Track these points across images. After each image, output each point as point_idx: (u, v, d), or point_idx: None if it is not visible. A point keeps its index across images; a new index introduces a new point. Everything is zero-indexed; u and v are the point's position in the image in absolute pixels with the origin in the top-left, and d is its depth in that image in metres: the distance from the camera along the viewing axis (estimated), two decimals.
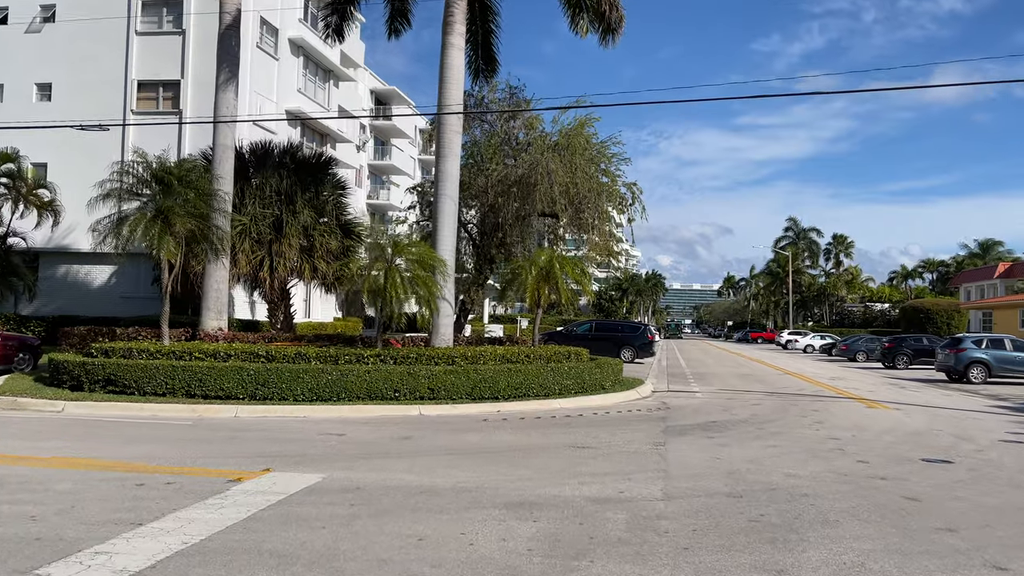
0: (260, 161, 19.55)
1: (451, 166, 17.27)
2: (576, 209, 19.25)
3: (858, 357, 42.38)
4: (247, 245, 18.32)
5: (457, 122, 17.40)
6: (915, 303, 53.51)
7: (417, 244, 15.60)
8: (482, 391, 14.80)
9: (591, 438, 10.94)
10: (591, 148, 19.38)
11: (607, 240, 20.62)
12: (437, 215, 17.34)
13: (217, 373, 13.56)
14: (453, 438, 10.61)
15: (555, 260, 17.54)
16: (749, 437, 11.61)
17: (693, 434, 11.81)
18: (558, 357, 17.31)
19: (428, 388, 14.35)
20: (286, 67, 31.89)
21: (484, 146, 20.23)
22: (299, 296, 28.26)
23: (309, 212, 18.85)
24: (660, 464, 8.95)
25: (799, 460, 9.55)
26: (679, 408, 15.68)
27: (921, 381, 26.91)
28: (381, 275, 14.67)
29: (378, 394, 14.00)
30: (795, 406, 16.64)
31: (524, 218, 19.69)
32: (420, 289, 14.99)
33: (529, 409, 14.59)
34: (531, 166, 18.30)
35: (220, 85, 17.31)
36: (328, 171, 20.31)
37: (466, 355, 15.53)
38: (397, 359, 14.94)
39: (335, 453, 9.09)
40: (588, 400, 16.03)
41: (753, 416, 14.41)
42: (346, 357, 14.67)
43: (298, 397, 13.64)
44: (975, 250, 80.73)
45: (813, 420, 14.01)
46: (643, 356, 32.05)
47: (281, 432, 10.84)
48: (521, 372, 15.39)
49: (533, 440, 10.63)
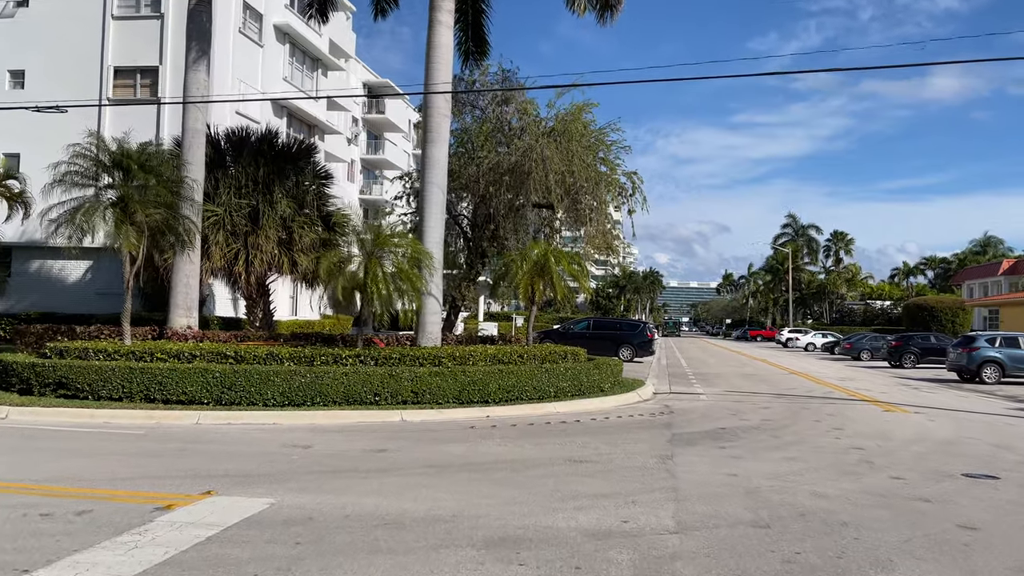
0: (236, 149, 18.35)
1: (438, 152, 16.09)
2: (573, 199, 18.04)
3: (862, 356, 41.28)
4: (221, 237, 17.12)
5: (445, 105, 16.21)
6: (919, 300, 52.45)
7: (400, 235, 14.43)
8: (471, 394, 13.63)
9: (589, 449, 9.77)
10: (588, 135, 18.17)
11: (606, 232, 19.43)
12: (423, 205, 16.16)
13: (179, 376, 12.37)
14: (434, 450, 9.44)
15: (550, 253, 16.37)
16: (764, 447, 10.45)
17: (702, 444, 10.65)
18: (553, 357, 16.15)
19: (411, 391, 13.17)
20: (271, 54, 30.64)
21: (475, 133, 19.02)
22: (284, 293, 27.08)
23: (288, 203, 17.65)
24: (668, 482, 7.78)
25: (825, 476, 8.39)
26: (684, 412, 14.53)
27: (932, 381, 25.80)
28: (360, 269, 13.48)
29: (356, 398, 12.83)
30: (807, 409, 15.50)
31: (518, 209, 18.49)
32: (403, 284, 13.81)
33: (521, 414, 13.42)
34: (525, 153, 17.07)
35: (190, 65, 16.09)
36: (309, 159, 19.10)
37: (454, 355, 14.36)
38: (379, 360, 13.77)
39: (295, 470, 7.91)
40: (585, 404, 14.87)
41: (765, 422, 13.26)
42: (322, 358, 13.49)
43: (268, 402, 12.46)
44: (974, 247, 79.85)
45: (830, 426, 12.87)
46: (642, 355, 30.90)
47: (241, 443, 9.65)
48: (513, 374, 14.23)
49: (524, 452, 9.45)
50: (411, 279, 13.79)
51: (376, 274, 13.43)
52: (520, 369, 14.44)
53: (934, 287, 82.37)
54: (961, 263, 74.68)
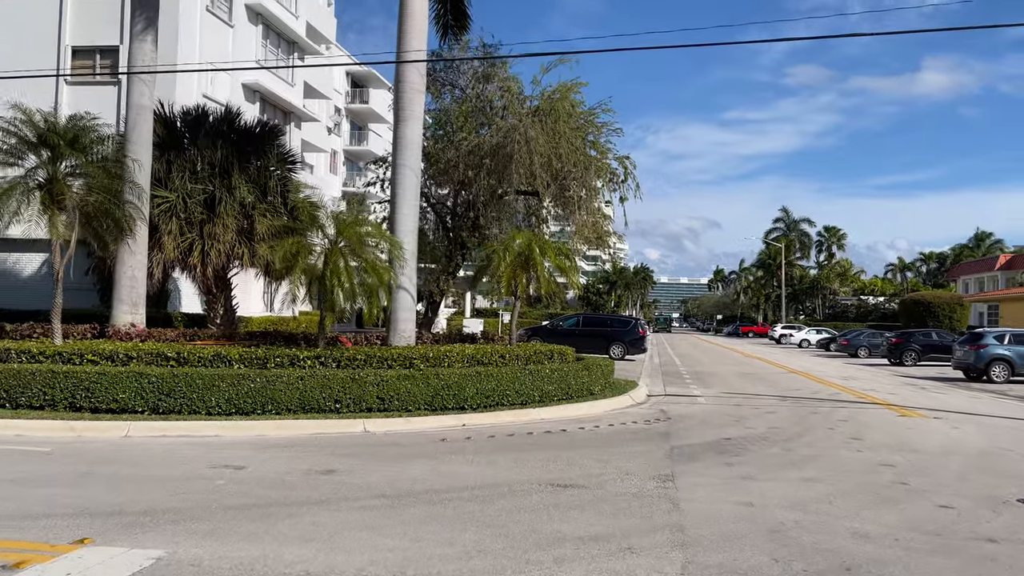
0: (193, 129, 16.77)
1: (411, 131, 14.58)
2: (560, 186, 16.55)
3: (860, 353, 40.12)
4: (174, 226, 15.55)
5: (419, 79, 14.69)
6: (915, 296, 51.32)
7: (366, 223, 12.93)
8: (445, 400, 12.17)
9: (576, 468, 8.32)
10: (577, 115, 16.66)
11: (596, 223, 17.97)
12: (395, 190, 14.65)
13: (109, 380, 10.82)
14: (392, 472, 7.95)
15: (534, 244, 14.90)
16: (778, 463, 9.04)
17: (706, 459, 9.23)
18: (539, 358, 14.70)
19: (377, 397, 11.69)
20: (243, 35, 28.95)
21: (455, 114, 17.50)
22: (257, 287, 25.49)
23: (249, 188, 16.09)
24: (672, 516, 6.34)
25: (859, 504, 6.97)
26: (682, 418, 13.12)
27: (938, 380, 24.55)
28: (320, 260, 11.97)
29: (314, 405, 11.33)
30: (816, 415, 14.13)
31: (500, 197, 16.98)
32: (369, 277, 12.32)
33: (501, 422, 11.98)
34: (507, 134, 15.56)
35: (136, 35, 14.52)
36: (275, 142, 17.53)
37: (428, 356, 12.88)
38: (341, 362, 12.27)
39: (212, 502, 6.41)
40: (573, 409, 13.44)
41: (772, 430, 11.85)
42: (277, 360, 11.97)
43: (212, 410, 10.94)
44: (968, 243, 78.95)
45: (847, 435, 11.48)
46: (634, 353, 29.53)
47: (163, 463, 8.14)
48: (493, 376, 12.76)
49: (499, 474, 7.99)
50: (378, 271, 12.28)
51: (337, 266, 11.92)
52: (501, 371, 12.98)
53: (926, 282, 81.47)
54: (957, 258, 73.74)
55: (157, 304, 24.96)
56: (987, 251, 74.53)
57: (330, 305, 12.47)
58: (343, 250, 12.24)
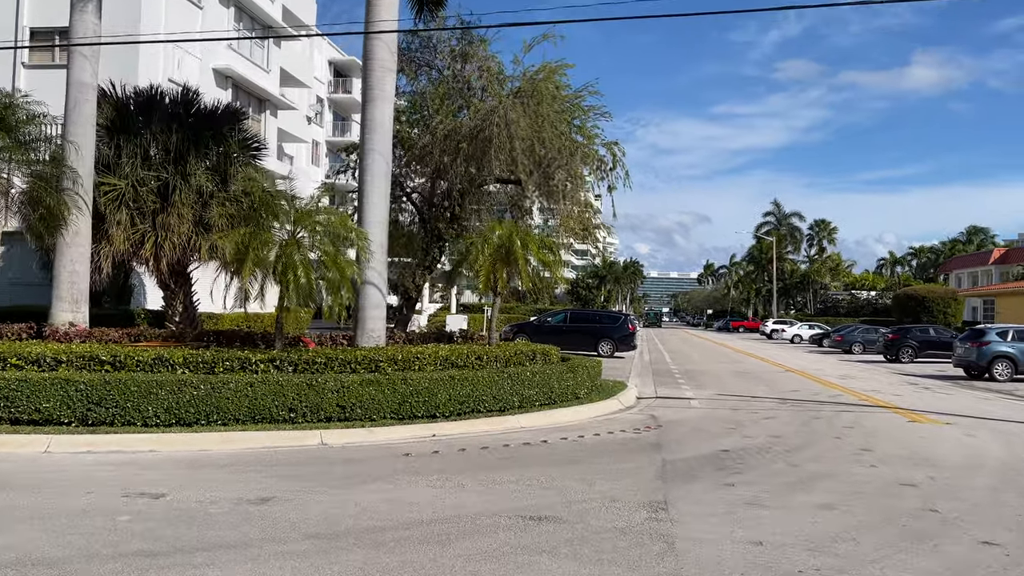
0: (146, 112, 15.47)
1: (381, 113, 13.39)
2: (544, 174, 15.35)
3: (854, 349, 39.27)
4: (124, 216, 14.28)
5: (389, 57, 13.49)
6: (909, 291, 50.52)
7: (328, 211, 11.74)
8: (414, 407, 11.01)
9: (554, 493, 7.19)
10: (562, 98, 15.44)
11: (582, 213, 16.79)
12: (363, 176, 13.47)
13: (31, 388, 9.58)
14: (338, 499, 6.79)
15: (515, 235, 13.73)
16: (785, 483, 7.95)
17: (703, 478, 8.12)
18: (520, 359, 13.58)
19: (337, 405, 10.52)
20: (212, 17, 27.53)
21: (431, 96, 16.27)
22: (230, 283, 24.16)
23: (207, 176, 14.82)
24: (666, 563, 5.22)
25: (888, 541, 5.87)
26: (674, 425, 12.02)
27: (939, 379, 23.61)
28: (272, 252, 10.77)
29: (266, 414, 10.16)
30: (818, 419, 13.08)
31: (480, 185, 15.79)
32: (328, 271, 11.13)
33: (476, 431, 10.85)
34: (485, 116, 14.33)
35: (76, 4, 13.22)
36: (236, 126, 16.24)
37: (396, 358, 11.72)
38: (299, 365, 11.09)
39: (96, 551, 5.22)
40: (557, 415, 12.33)
41: (774, 440, 10.77)
42: (227, 363, 10.77)
43: (149, 420, 9.74)
44: (960, 237, 78.38)
45: (856, 446, 10.41)
46: (624, 350, 28.48)
47: (67, 489, 6.94)
48: (469, 380, 11.62)
49: (463, 500, 6.85)
50: (338, 265, 11.08)
51: (292, 258, 10.71)
52: (477, 375, 11.84)
53: (918, 277, 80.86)
54: (951, 252, 73.09)
55: (119, 300, 23.69)
56: (980, 246, 74.00)
57: (286, 302, 11.28)
58: (301, 241, 11.03)
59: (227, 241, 10.84)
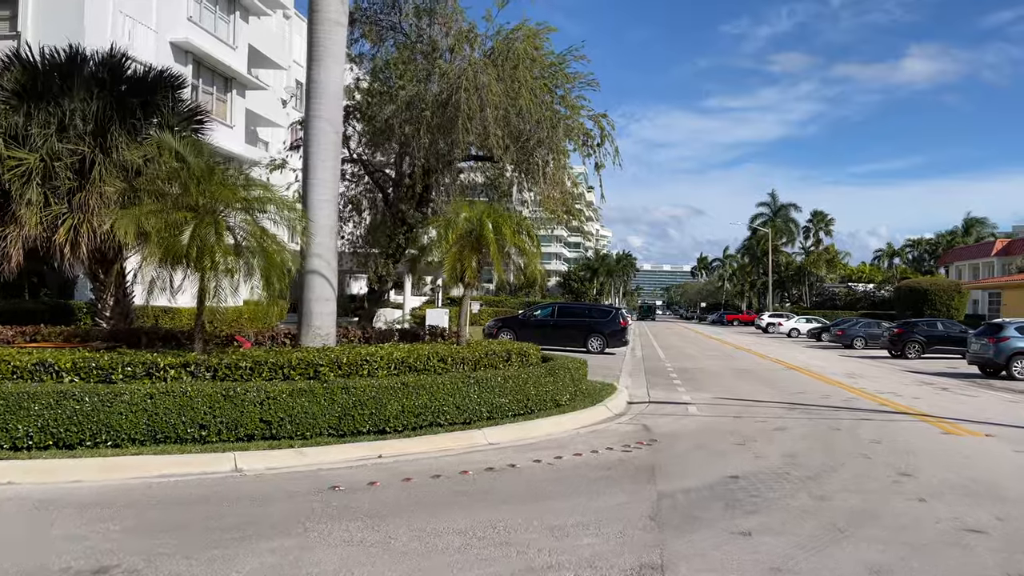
0: (66, 78, 13.52)
1: (328, 74, 11.45)
2: (522, 149, 13.43)
3: (856, 344, 37.58)
4: (35, 195, 12.34)
5: (337, 7, 11.52)
6: (912, 283, 48.83)
7: (257, 186, 9.81)
8: (358, 422, 9.14)
9: (513, 556, 5.32)
10: (542, 62, 13.45)
11: (565, 193, 14.83)
12: (308, 148, 11.56)
13: None
14: (207, 570, 4.90)
15: (486, 217, 11.81)
16: (816, 529, 6.11)
17: (711, 523, 6.26)
18: (492, 360, 11.70)
19: (261, 420, 8.62)
20: None
21: (394, 62, 14.30)
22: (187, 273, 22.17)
23: (135, 151, 12.86)
24: None
25: None
26: (670, 440, 10.17)
27: (952, 377, 21.90)
28: (186, 234, 8.82)
29: (170, 433, 8.25)
30: (838, 431, 11.26)
31: (449, 163, 13.83)
32: (254, 257, 9.21)
33: (432, 450, 9.01)
34: (453, 81, 12.36)
35: None
36: (171, 93, 14.26)
37: (341, 361, 9.82)
38: (219, 370, 9.18)
39: None
40: (532, 428, 10.47)
41: (790, 461, 8.93)
42: (127, 369, 8.84)
43: (19, 442, 7.81)
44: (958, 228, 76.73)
45: (892, 469, 8.59)
46: (615, 345, 26.64)
47: None
48: (426, 388, 9.74)
49: (379, 573, 4.97)
50: (266, 250, 9.15)
51: (207, 242, 8.77)
52: (437, 381, 9.95)
53: (915, 269, 79.26)
54: (949, 244, 71.48)
55: (61, 293, 21.70)
56: (979, 237, 72.40)
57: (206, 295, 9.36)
58: (219, 221, 9.09)
59: (123, 222, 8.90)
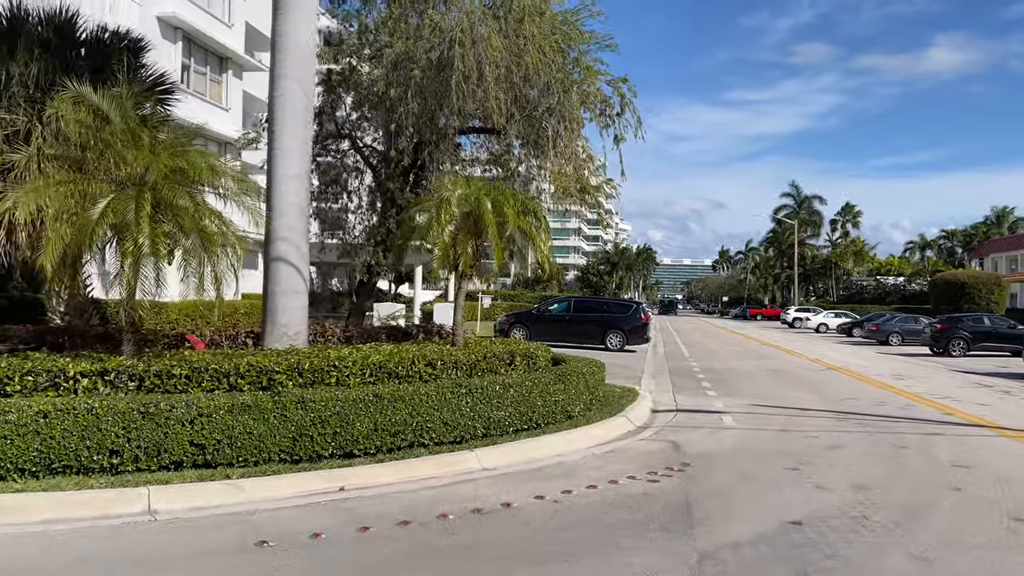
0: (6, 39, 11.87)
1: (294, 24, 9.67)
2: (528, 117, 11.55)
3: (892, 340, 35.20)
4: None
5: None
6: (948, 276, 46.35)
7: (199, 154, 8.05)
8: (317, 443, 7.35)
9: None
10: (552, 18, 11.55)
11: (578, 166, 12.91)
12: (274, 113, 9.79)
13: None
14: None
15: (483, 196, 9.94)
16: None
17: None
18: (492, 364, 9.86)
19: (191, 444, 6.84)
20: None
21: (384, 21, 12.49)
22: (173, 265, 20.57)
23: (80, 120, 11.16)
24: None
25: None
26: (706, 464, 8.27)
27: (1007, 377, 19.76)
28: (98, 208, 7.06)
29: (71, 461, 6.49)
30: (906, 449, 9.32)
31: (444, 135, 11.99)
32: (187, 238, 7.44)
33: (410, 479, 7.21)
34: (448, 34, 10.50)
35: None
36: (123, 58, 12.54)
37: (302, 367, 8.02)
38: (147, 379, 7.42)
39: None
40: (537, 447, 8.64)
41: (863, 494, 7.00)
42: (27, 379, 7.10)
43: None
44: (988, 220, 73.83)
45: (998, 509, 6.66)
46: (635, 342, 24.71)
47: None
48: (406, 400, 7.92)
49: None
50: (203, 230, 7.37)
51: (125, 219, 7.00)
52: (421, 391, 8.12)
53: (948, 262, 76.31)
54: (985, 235, 68.55)
55: (34, 286, 20.12)
56: (1012, 228, 69.46)
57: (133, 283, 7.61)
58: (145, 195, 7.31)
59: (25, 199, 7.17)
